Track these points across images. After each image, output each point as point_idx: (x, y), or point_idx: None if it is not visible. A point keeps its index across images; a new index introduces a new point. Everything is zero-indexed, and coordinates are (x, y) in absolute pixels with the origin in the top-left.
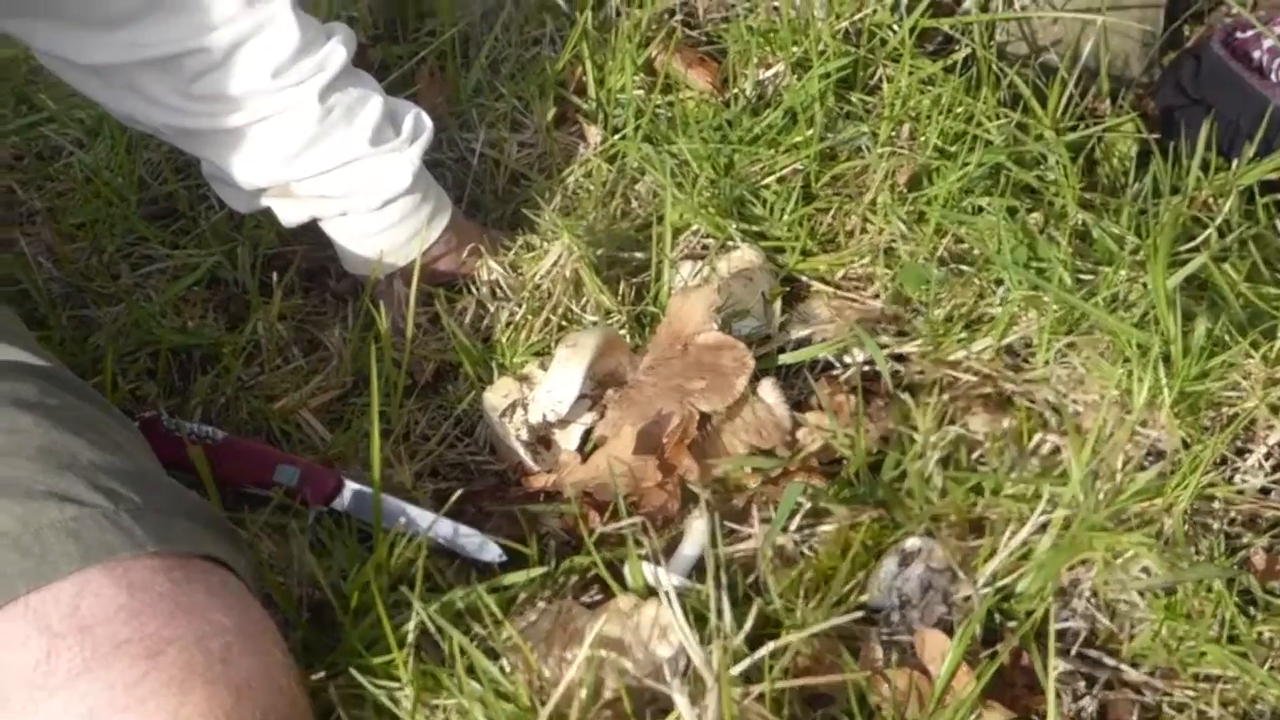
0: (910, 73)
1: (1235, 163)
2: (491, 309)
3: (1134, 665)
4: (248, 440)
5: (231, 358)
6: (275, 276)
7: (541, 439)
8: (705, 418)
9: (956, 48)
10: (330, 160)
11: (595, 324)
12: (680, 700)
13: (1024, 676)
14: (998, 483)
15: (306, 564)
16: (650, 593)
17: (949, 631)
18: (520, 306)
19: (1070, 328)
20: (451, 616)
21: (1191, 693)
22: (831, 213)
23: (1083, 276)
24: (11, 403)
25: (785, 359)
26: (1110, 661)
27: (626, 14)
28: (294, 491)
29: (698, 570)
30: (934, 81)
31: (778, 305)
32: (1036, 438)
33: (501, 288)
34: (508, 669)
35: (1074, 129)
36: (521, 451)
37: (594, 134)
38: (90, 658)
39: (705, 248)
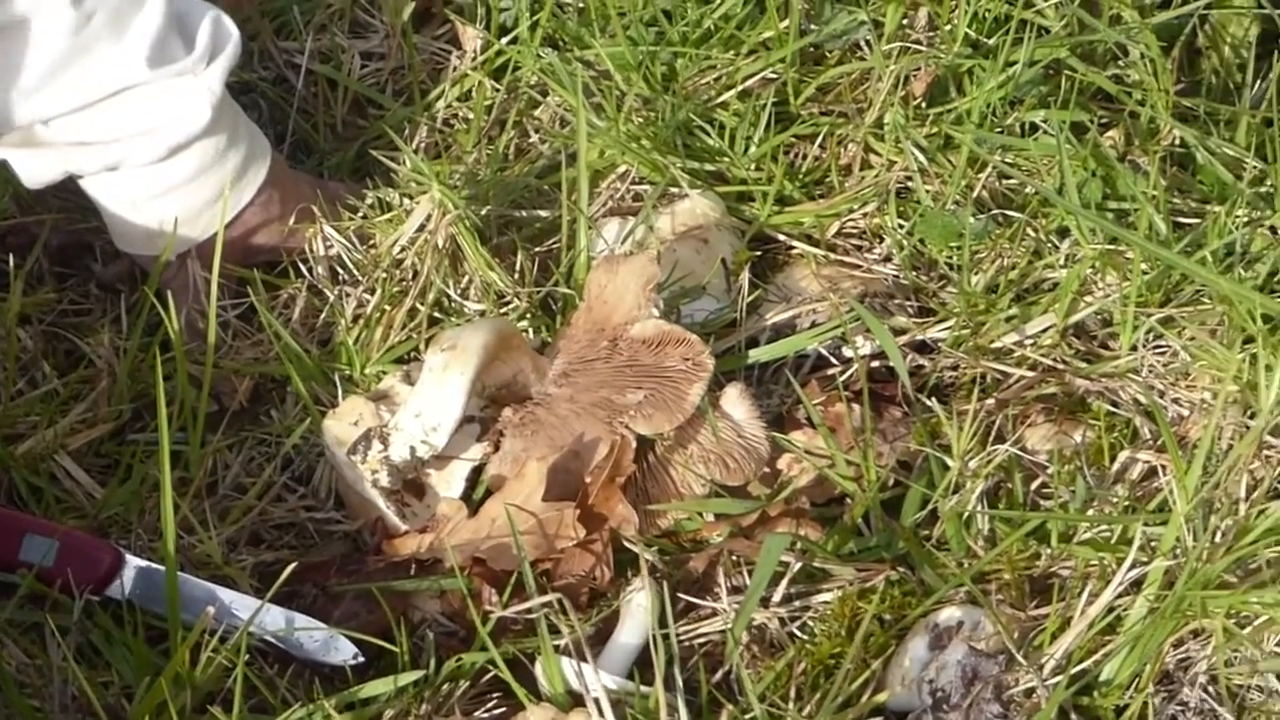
0: None
1: None
2: (331, 297)
3: None
4: None
5: None
6: (12, 260)
7: (410, 484)
8: (645, 444)
9: None
10: (91, 90)
11: (482, 315)
12: None
13: None
14: (1068, 524)
15: (71, 679)
16: (575, 701)
17: None
18: (373, 293)
19: (1166, 296)
20: None
21: None
22: (819, 140)
23: (1182, 221)
24: None
25: (758, 355)
26: None
27: None
28: (50, 573)
29: (641, 665)
30: None
31: (745, 278)
32: (1122, 456)
33: (346, 266)
34: None
35: (1165, 5)
36: (381, 503)
37: (471, 37)
38: None
39: (639, 198)
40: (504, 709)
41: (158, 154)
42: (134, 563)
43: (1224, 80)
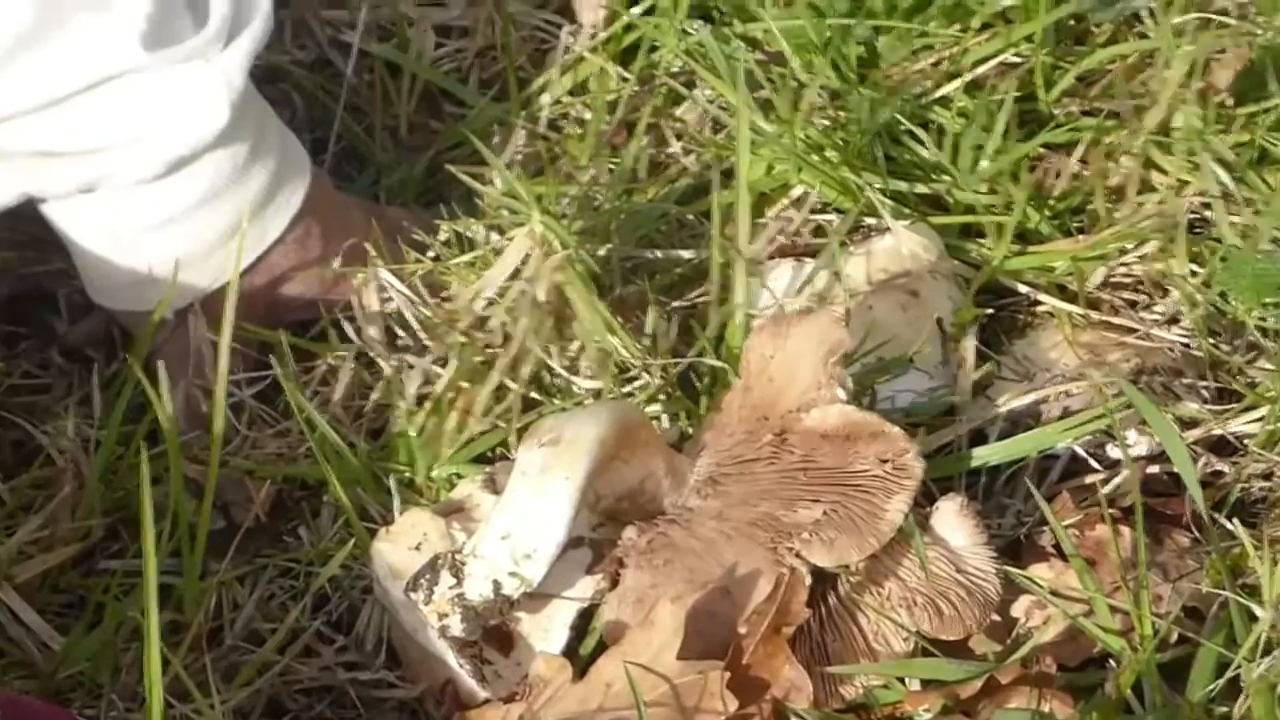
0: None
1: None
2: (388, 371)
3: None
4: None
5: None
6: None
7: (493, 633)
8: (825, 581)
9: None
10: (64, 78)
11: (597, 397)
12: None
13: None
14: None
15: None
16: None
17: None
18: (446, 365)
19: None
20: None
21: None
22: (1078, 153)
23: None
24: None
25: (986, 456)
26: None
27: None
28: None
29: None
30: None
31: (970, 345)
32: None
33: (409, 328)
34: None
35: None
36: (453, 660)
37: (591, 5)
38: None
39: (821, 232)
40: None
41: (152, 170)
42: None
43: None
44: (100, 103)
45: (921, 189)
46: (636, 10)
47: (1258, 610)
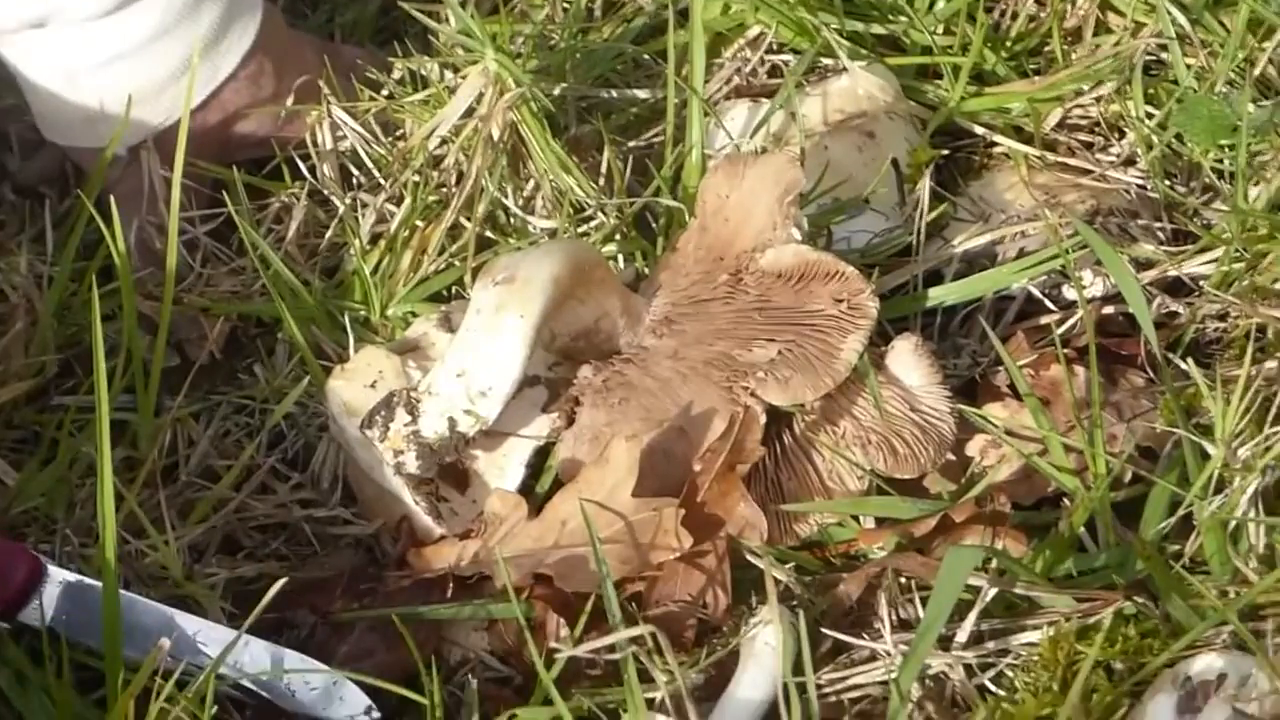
0: None
1: None
2: (342, 208)
3: None
4: None
5: None
6: None
7: (449, 471)
8: (780, 420)
9: None
10: None
11: (553, 236)
12: None
13: None
14: None
15: None
16: None
17: None
18: (401, 203)
19: None
20: None
21: None
22: None
23: None
24: None
25: (942, 296)
26: None
27: None
28: None
29: None
30: None
31: (925, 186)
32: None
33: (363, 165)
34: None
35: None
36: (408, 497)
37: None
38: None
39: (777, 72)
40: None
41: (103, 6)
42: (58, 576)
43: None
44: None
45: (878, 29)
46: None
47: (1210, 449)
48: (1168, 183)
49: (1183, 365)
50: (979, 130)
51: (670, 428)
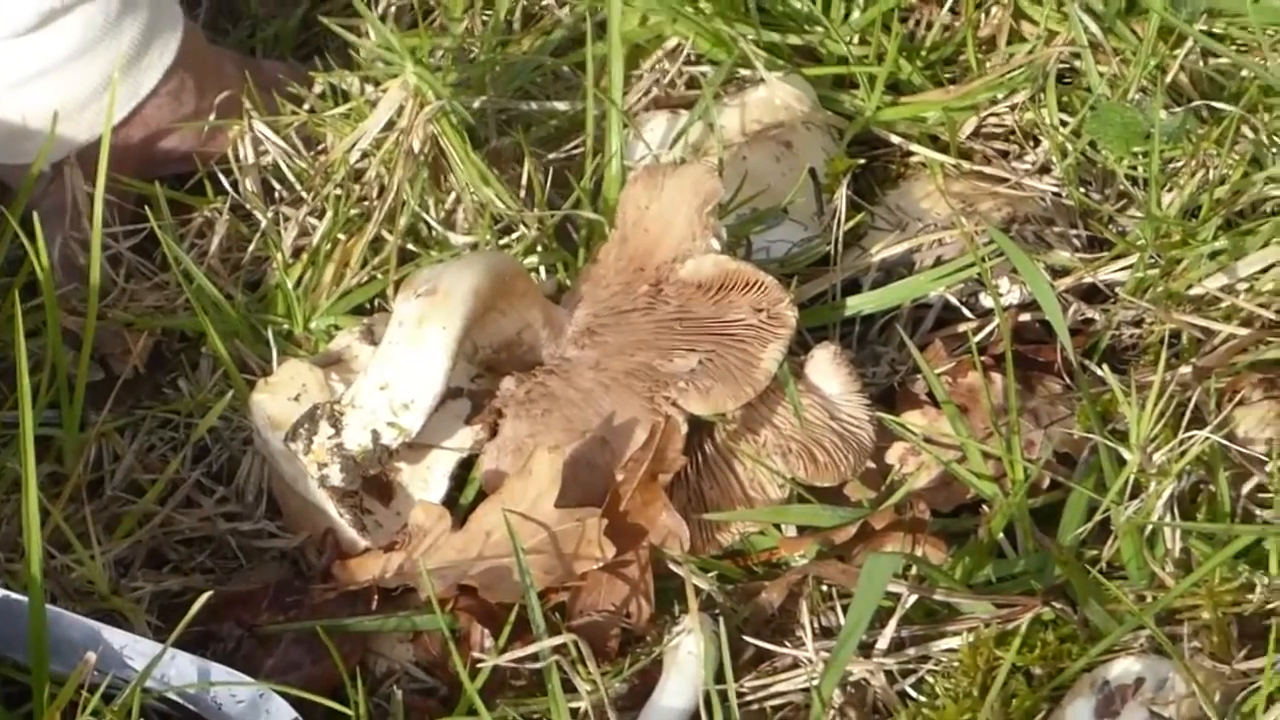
0: None
1: None
2: (264, 222)
3: None
4: None
5: None
6: None
7: (372, 483)
8: (701, 429)
9: None
10: None
11: (474, 249)
12: None
13: None
14: None
15: None
16: None
17: None
18: (322, 216)
19: None
20: None
21: None
22: (949, 2)
23: None
24: None
25: (860, 304)
26: None
27: None
28: None
29: None
30: None
31: (843, 195)
32: None
33: (285, 180)
34: None
35: None
36: (332, 510)
37: None
38: None
39: (695, 84)
40: None
41: (24, 22)
42: None
43: None
44: None
45: (795, 40)
46: None
47: (1126, 454)
48: (1082, 190)
49: (1099, 371)
50: (895, 139)
51: (593, 438)
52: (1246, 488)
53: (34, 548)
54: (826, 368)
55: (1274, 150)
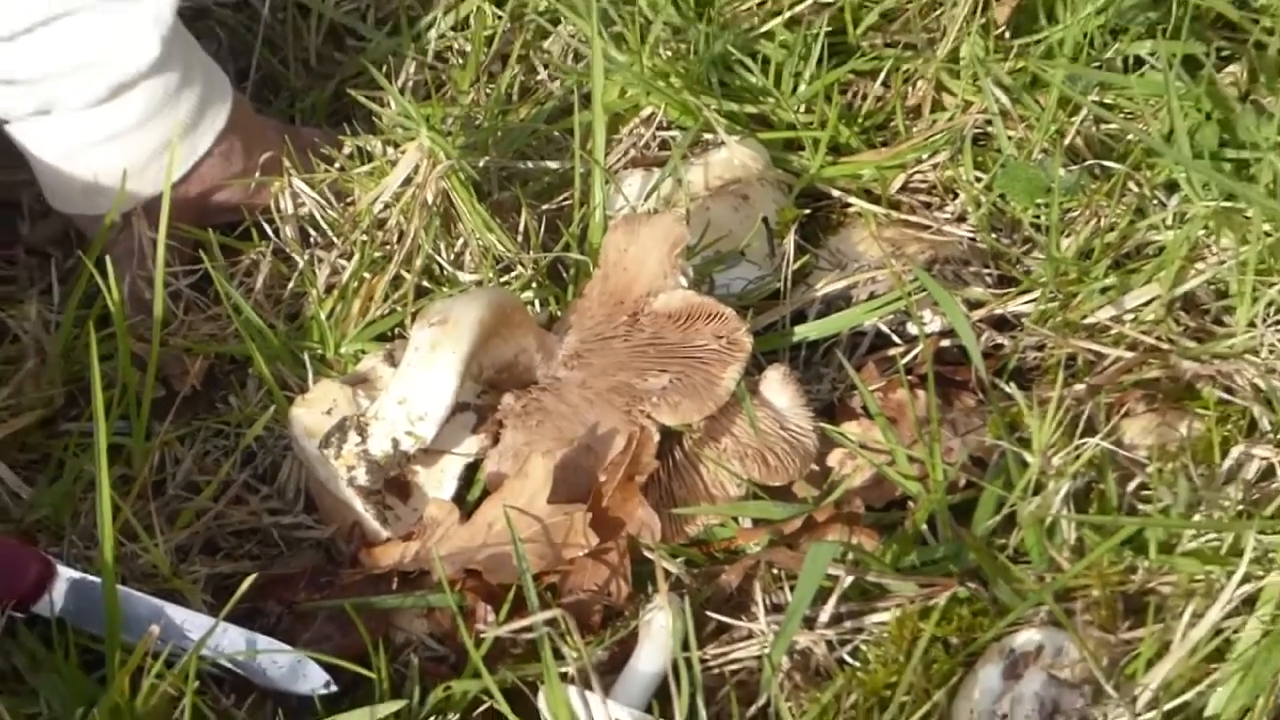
0: None
1: None
2: (301, 263)
3: None
4: None
5: None
6: None
7: (393, 483)
8: (671, 438)
9: None
10: (17, 15)
11: (479, 285)
12: None
13: None
14: (1170, 531)
15: None
16: None
17: None
18: (351, 258)
19: None
20: None
21: None
22: (881, 77)
23: None
24: None
25: (805, 332)
26: None
27: None
28: None
29: (661, 697)
30: None
31: (791, 240)
32: (1235, 452)
33: (319, 227)
34: None
35: None
36: (359, 505)
37: None
38: None
39: (666, 146)
40: None
41: (97, 95)
42: (66, 574)
43: None
44: (50, 37)
45: (751, 109)
46: None
47: (1029, 458)
48: (994, 235)
49: (1007, 389)
50: (836, 193)
51: (579, 445)
52: (1131, 486)
53: (107, 538)
54: (777, 385)
55: (1155, 202)
